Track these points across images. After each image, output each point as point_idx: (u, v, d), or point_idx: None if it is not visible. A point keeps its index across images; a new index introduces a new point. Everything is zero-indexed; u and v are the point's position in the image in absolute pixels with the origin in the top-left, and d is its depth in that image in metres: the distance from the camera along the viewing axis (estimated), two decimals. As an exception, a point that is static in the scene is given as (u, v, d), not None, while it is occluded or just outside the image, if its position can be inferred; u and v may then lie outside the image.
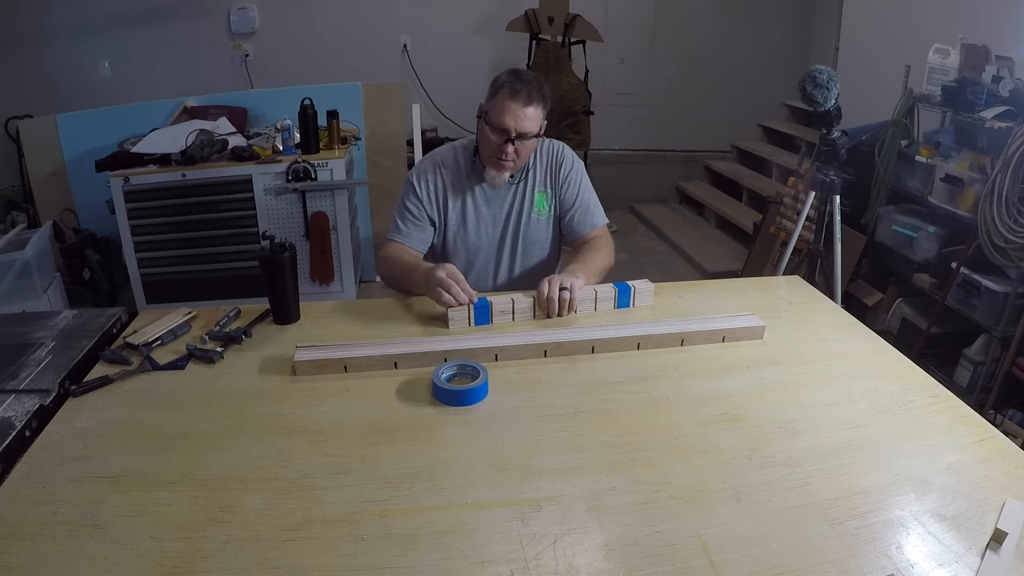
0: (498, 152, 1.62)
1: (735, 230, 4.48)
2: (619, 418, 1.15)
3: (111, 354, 1.32)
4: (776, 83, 4.95)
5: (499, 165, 1.65)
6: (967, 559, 0.86)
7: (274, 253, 1.43)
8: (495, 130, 1.60)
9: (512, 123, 1.58)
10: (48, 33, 4.21)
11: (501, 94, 1.59)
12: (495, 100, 1.60)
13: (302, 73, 4.20)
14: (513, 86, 1.58)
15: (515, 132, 1.58)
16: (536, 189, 1.77)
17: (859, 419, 1.16)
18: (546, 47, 4.39)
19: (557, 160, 1.77)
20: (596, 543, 0.88)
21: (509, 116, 1.57)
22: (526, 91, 1.58)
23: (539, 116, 1.62)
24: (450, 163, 1.75)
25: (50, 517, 0.92)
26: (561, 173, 1.77)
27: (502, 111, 1.58)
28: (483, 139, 1.66)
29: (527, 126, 1.59)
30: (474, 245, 1.78)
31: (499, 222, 1.77)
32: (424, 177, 1.73)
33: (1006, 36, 2.78)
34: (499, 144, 1.60)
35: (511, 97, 1.57)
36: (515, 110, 1.57)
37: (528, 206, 1.77)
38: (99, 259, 3.38)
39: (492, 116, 1.60)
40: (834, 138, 2.33)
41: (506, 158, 1.62)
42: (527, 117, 1.58)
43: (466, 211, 1.75)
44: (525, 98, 1.57)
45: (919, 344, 2.81)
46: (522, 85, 1.58)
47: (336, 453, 1.06)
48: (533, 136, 1.62)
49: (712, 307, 1.54)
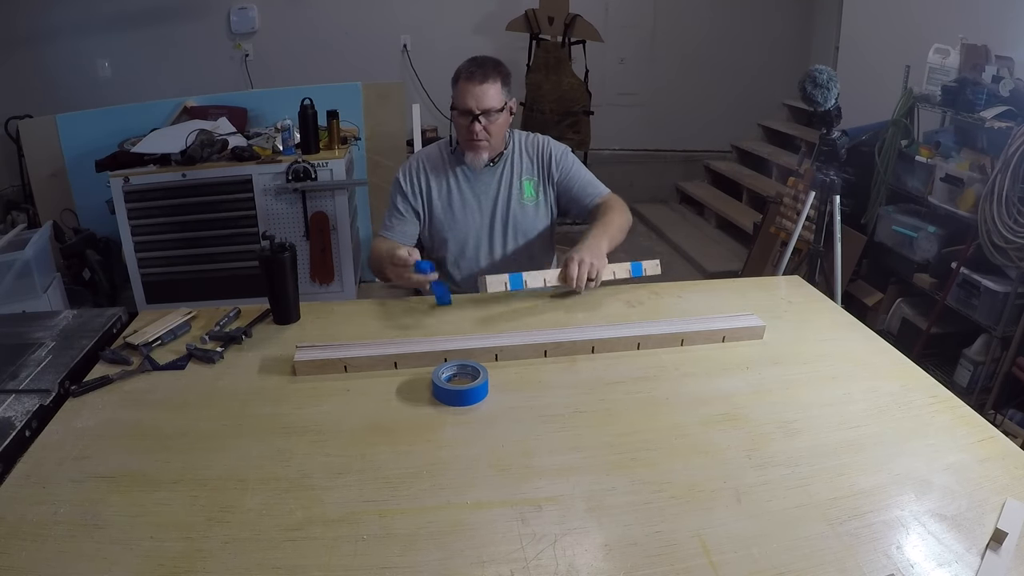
0: (468, 134, 1.70)
1: (735, 230, 4.48)
2: (619, 418, 1.15)
3: (111, 354, 1.32)
4: (776, 83, 4.95)
5: (473, 146, 1.73)
6: (967, 559, 0.86)
7: (274, 253, 1.43)
8: (461, 114, 1.69)
9: (473, 102, 1.67)
10: (48, 33, 4.21)
11: (460, 80, 1.69)
12: (456, 87, 1.70)
13: (302, 73, 4.20)
14: (469, 69, 1.68)
15: (478, 110, 1.67)
16: (523, 177, 1.82)
17: (859, 419, 1.16)
18: (546, 47, 4.39)
19: (542, 152, 1.84)
20: (596, 543, 0.89)
21: (470, 97, 1.67)
22: (480, 71, 1.67)
23: (498, 91, 1.69)
24: (433, 156, 1.83)
25: (50, 517, 0.92)
26: (552, 163, 1.83)
27: (463, 94, 1.68)
28: (456, 128, 1.75)
29: (488, 102, 1.68)
30: (462, 231, 1.82)
31: (486, 208, 1.82)
32: (408, 173, 1.82)
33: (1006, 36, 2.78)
34: (467, 126, 1.69)
35: (468, 79, 1.67)
36: (472, 90, 1.66)
37: (516, 192, 1.82)
38: (99, 259, 3.38)
39: (456, 102, 1.70)
40: (834, 138, 2.33)
41: (477, 137, 1.70)
42: (486, 94, 1.67)
43: (451, 198, 1.81)
44: (480, 77, 1.67)
45: (919, 344, 2.81)
46: (476, 67, 1.68)
47: (336, 453, 1.06)
48: (497, 111, 1.70)
49: (712, 307, 1.54)
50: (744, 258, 3.89)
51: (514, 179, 1.82)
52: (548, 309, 1.56)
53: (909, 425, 1.15)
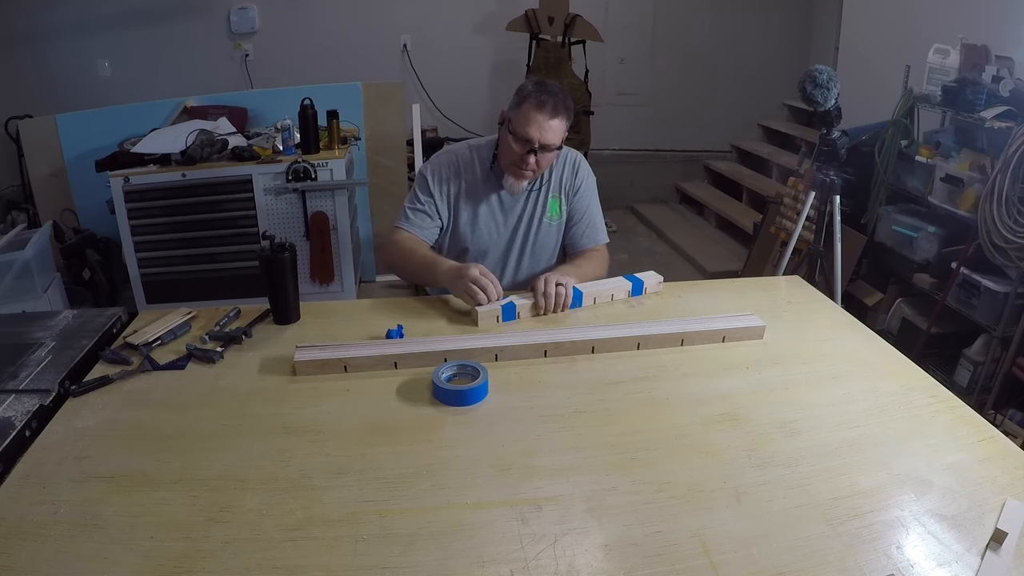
0: (519, 162, 1.62)
1: (735, 230, 4.48)
2: (619, 418, 1.15)
3: (111, 354, 1.32)
4: (776, 83, 4.95)
5: (519, 174, 1.66)
6: (967, 559, 0.86)
7: (274, 253, 1.43)
8: (518, 140, 1.60)
9: (536, 134, 1.58)
10: (48, 32, 4.21)
11: (527, 104, 1.58)
12: (520, 109, 1.59)
13: (302, 73, 4.20)
14: (540, 97, 1.58)
15: (538, 143, 1.59)
16: (551, 195, 1.77)
17: (859, 419, 1.16)
18: (546, 47, 4.39)
19: (573, 169, 1.78)
20: (596, 543, 0.88)
21: (534, 127, 1.57)
22: (552, 103, 1.58)
23: (563, 128, 1.62)
24: (467, 163, 1.75)
25: (50, 517, 0.92)
26: (576, 183, 1.78)
27: (527, 121, 1.57)
28: (505, 147, 1.65)
29: (550, 138, 1.59)
30: (483, 247, 1.78)
31: (510, 226, 1.78)
32: (439, 174, 1.73)
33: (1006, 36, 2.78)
34: (521, 154, 1.61)
35: (537, 108, 1.57)
36: (540, 121, 1.57)
37: (541, 211, 1.78)
38: (99, 259, 3.38)
39: (516, 126, 1.60)
40: (834, 138, 2.33)
41: (526, 168, 1.63)
42: (551, 129, 1.59)
43: (478, 213, 1.75)
44: (551, 110, 1.57)
45: (919, 344, 2.81)
46: (548, 96, 1.58)
47: (336, 453, 1.06)
48: (555, 148, 1.62)
49: (712, 307, 1.54)
50: (744, 258, 3.89)
51: (540, 198, 1.77)
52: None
53: (909, 425, 1.15)
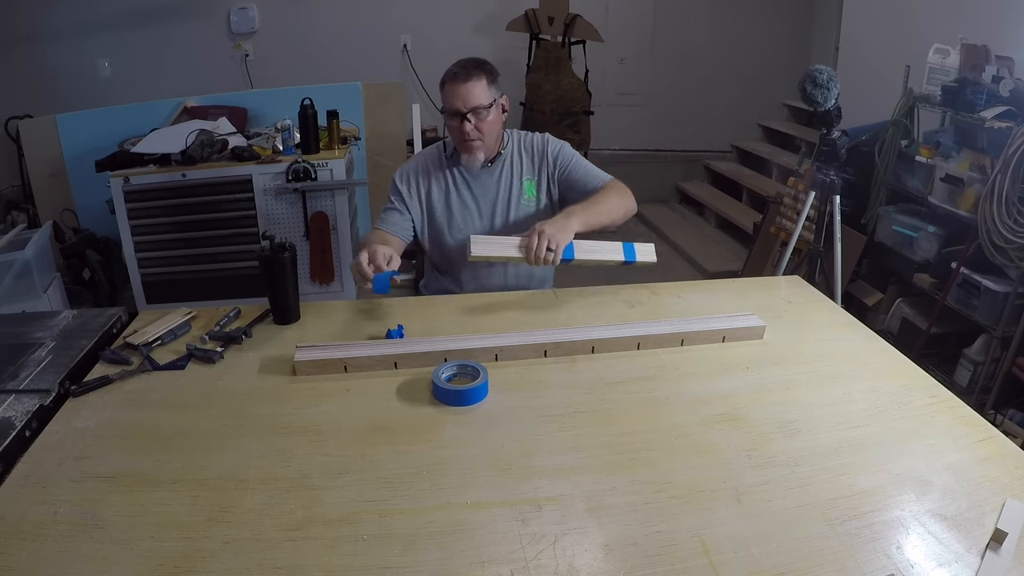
0: (460, 135, 1.69)
1: (735, 230, 4.48)
2: (619, 418, 1.15)
3: (111, 354, 1.32)
4: (776, 83, 4.95)
5: (468, 147, 1.72)
6: (967, 559, 0.86)
7: (274, 253, 1.43)
8: (451, 115, 1.69)
9: (460, 102, 1.66)
10: (48, 33, 4.21)
11: (446, 82, 1.68)
12: (443, 91, 1.69)
13: (302, 73, 4.20)
14: (452, 71, 1.68)
15: (466, 108, 1.66)
16: (524, 177, 1.81)
17: (859, 419, 1.16)
18: (546, 47, 4.39)
19: (540, 149, 1.83)
20: (596, 543, 0.88)
21: (456, 97, 1.66)
22: (463, 71, 1.67)
23: (484, 88, 1.68)
24: (431, 159, 1.83)
25: (50, 517, 0.92)
26: (549, 159, 1.82)
27: (450, 96, 1.67)
28: (449, 131, 1.74)
29: (475, 100, 1.66)
30: (462, 234, 1.80)
31: (486, 210, 1.81)
32: (404, 176, 1.82)
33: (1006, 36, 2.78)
34: (458, 127, 1.68)
35: (452, 80, 1.67)
36: (457, 89, 1.66)
37: (517, 193, 1.81)
38: (99, 259, 3.38)
39: (444, 104, 1.70)
40: (834, 138, 2.33)
41: (469, 137, 1.69)
42: (471, 92, 1.66)
43: (450, 201, 1.80)
44: (464, 75, 1.66)
45: (919, 344, 2.81)
46: (459, 67, 1.68)
47: (336, 453, 1.06)
48: (486, 107, 1.68)
49: (712, 307, 1.54)
50: (744, 258, 3.89)
51: (514, 179, 1.81)
52: (548, 309, 1.56)
53: (909, 425, 1.15)
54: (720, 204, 4.75)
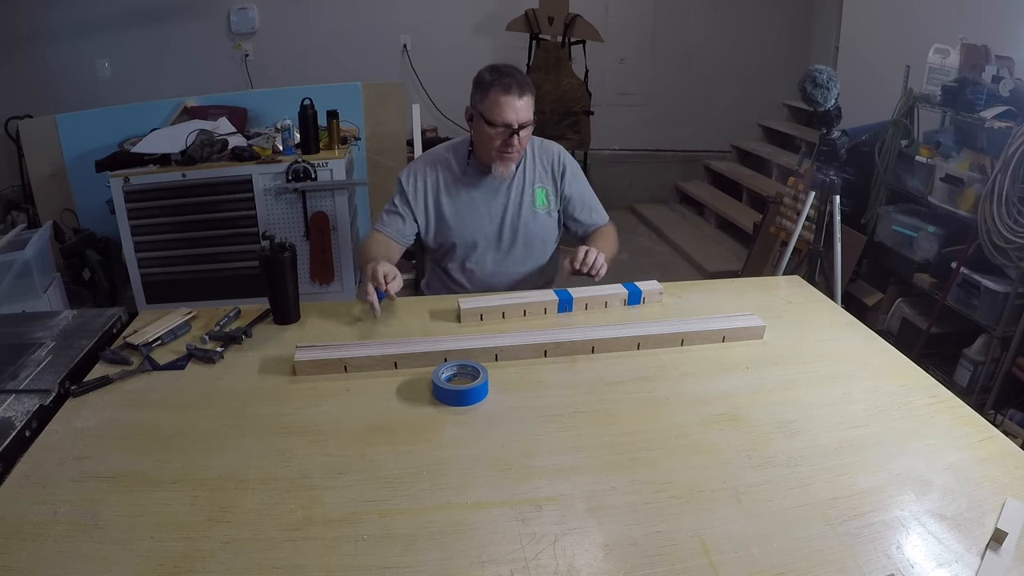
0: (504, 147, 1.66)
1: (735, 230, 4.48)
2: (619, 418, 1.15)
3: (111, 354, 1.32)
4: (776, 83, 4.95)
5: (506, 158, 1.70)
6: (967, 559, 0.86)
7: (274, 253, 1.43)
8: (496, 127, 1.64)
9: (513, 116, 1.63)
10: (48, 33, 4.21)
11: (494, 91, 1.62)
12: (488, 99, 1.63)
13: (302, 73, 4.20)
14: (503, 82, 1.62)
15: (518, 124, 1.63)
16: (535, 184, 1.80)
17: (859, 419, 1.16)
18: (546, 47, 4.39)
19: (554, 159, 1.82)
20: (596, 543, 0.88)
21: (509, 111, 1.62)
22: (516, 84, 1.63)
23: (531, 104, 1.67)
24: (443, 161, 1.80)
25: (50, 517, 0.92)
26: (559, 171, 1.82)
27: (501, 107, 1.62)
28: (483, 138, 1.68)
29: (525, 115, 1.65)
30: (470, 237, 1.80)
31: (495, 214, 1.80)
32: (414, 176, 1.79)
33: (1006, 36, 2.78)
34: (504, 139, 1.65)
35: (505, 92, 1.61)
36: (512, 103, 1.62)
37: (528, 200, 1.80)
38: (99, 259, 3.38)
39: (491, 115, 1.63)
40: (834, 138, 2.33)
41: (512, 150, 1.67)
42: (524, 107, 1.64)
43: (460, 203, 1.78)
44: (518, 90, 1.63)
45: (919, 344, 2.81)
46: (510, 79, 1.63)
47: (336, 453, 1.06)
48: (531, 124, 1.68)
49: (712, 307, 1.54)
50: (744, 258, 3.89)
51: (526, 186, 1.79)
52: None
53: (909, 425, 1.15)
54: (720, 204, 4.75)
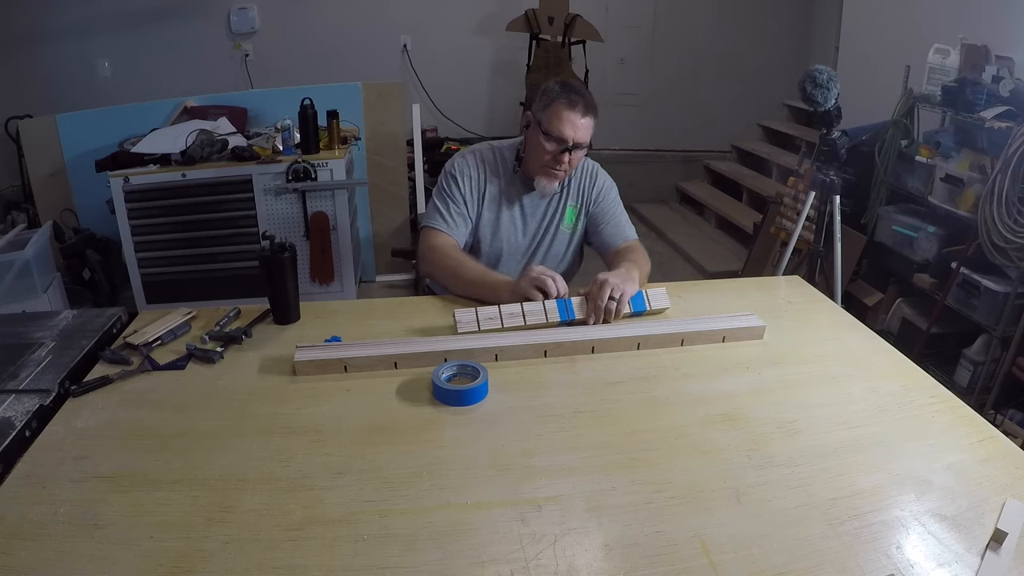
0: (553, 162, 1.63)
1: (735, 230, 4.48)
2: (619, 418, 1.15)
3: (111, 354, 1.31)
4: (776, 83, 4.95)
5: (552, 174, 1.66)
6: (967, 559, 0.86)
7: (274, 253, 1.43)
8: (552, 140, 1.61)
9: (571, 133, 1.60)
10: (48, 33, 4.21)
11: (558, 104, 1.59)
12: (551, 110, 1.60)
13: (302, 73, 4.21)
14: (570, 97, 1.59)
15: (572, 142, 1.60)
16: (568, 203, 1.78)
17: (859, 419, 1.16)
18: (546, 47, 4.39)
19: (591, 177, 1.79)
20: (596, 543, 0.88)
21: (568, 126, 1.59)
22: (583, 102, 1.60)
23: (592, 127, 1.63)
24: (491, 164, 1.75)
25: (50, 517, 0.92)
26: (594, 191, 1.78)
27: (561, 121, 1.59)
28: (536, 149, 1.65)
29: (583, 136, 1.61)
30: (500, 247, 1.77)
31: (530, 230, 1.78)
32: (467, 174, 1.72)
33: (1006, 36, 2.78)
34: (556, 154, 1.62)
35: (569, 107, 1.59)
36: (574, 120, 1.59)
37: (559, 218, 1.78)
38: (99, 259, 3.38)
39: (549, 126, 1.60)
40: (834, 138, 2.33)
41: (561, 168, 1.64)
42: (584, 127, 1.61)
43: (501, 216, 1.75)
44: (583, 109, 1.60)
45: (919, 344, 2.81)
46: (578, 96, 1.60)
47: (336, 453, 1.06)
48: (585, 147, 1.64)
49: (712, 307, 1.54)
50: (744, 258, 3.89)
51: (561, 205, 1.77)
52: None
53: (909, 425, 1.15)
54: (720, 204, 4.76)
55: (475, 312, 1.40)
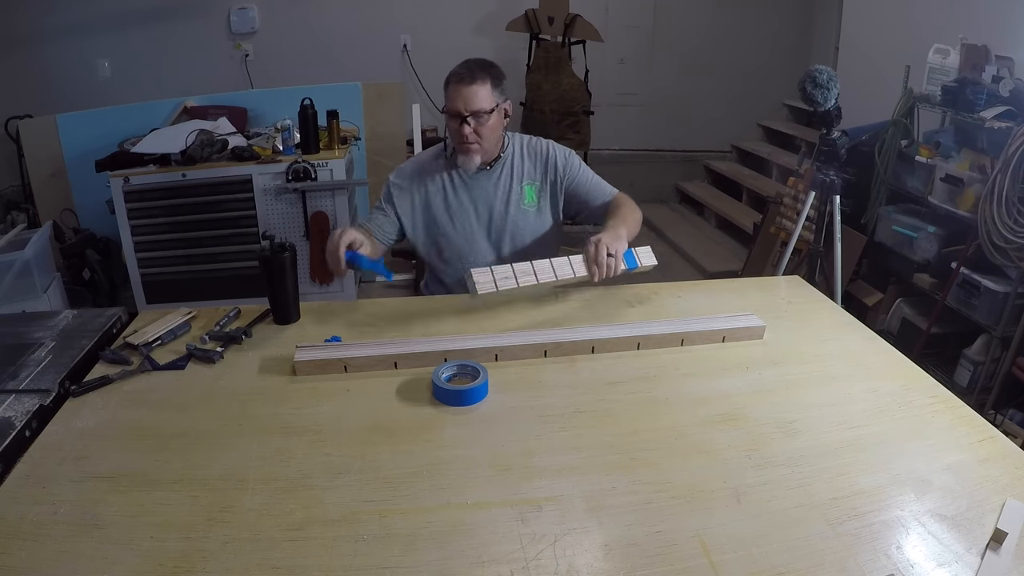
0: (459, 136, 1.69)
1: (735, 230, 4.48)
2: (619, 418, 1.15)
3: (111, 354, 1.32)
4: (776, 83, 4.95)
5: (464, 149, 1.71)
6: (967, 559, 0.86)
7: (274, 253, 1.43)
8: (450, 116, 1.68)
9: (461, 104, 1.65)
10: (48, 33, 4.21)
11: (450, 83, 1.68)
12: (447, 90, 1.69)
13: (302, 73, 4.20)
14: (458, 72, 1.68)
15: (467, 112, 1.65)
16: (523, 181, 1.81)
17: (859, 419, 1.16)
18: (546, 47, 4.39)
19: (546, 156, 1.82)
20: (596, 543, 0.89)
21: (458, 99, 1.65)
22: (468, 72, 1.66)
23: (488, 93, 1.67)
24: (428, 161, 1.83)
25: (50, 517, 0.92)
26: (556, 168, 1.81)
27: (452, 96, 1.66)
28: (449, 131, 1.73)
29: (477, 104, 1.65)
30: (459, 237, 1.80)
31: (483, 213, 1.80)
32: (402, 175, 1.82)
33: (1006, 36, 2.78)
34: (457, 128, 1.68)
35: (456, 81, 1.66)
36: (461, 91, 1.65)
37: (516, 197, 1.80)
38: (99, 259, 3.38)
39: (446, 104, 1.69)
40: (834, 138, 2.33)
41: (467, 140, 1.68)
42: (475, 95, 1.65)
43: (448, 203, 1.80)
44: (468, 78, 1.65)
45: (919, 344, 2.81)
46: (465, 68, 1.67)
47: (336, 453, 1.06)
48: (487, 112, 1.67)
49: (712, 307, 1.54)
50: (744, 258, 3.89)
51: (513, 183, 1.80)
52: (548, 309, 1.56)
53: (909, 425, 1.15)
54: (720, 204, 4.75)
55: (491, 271, 1.44)
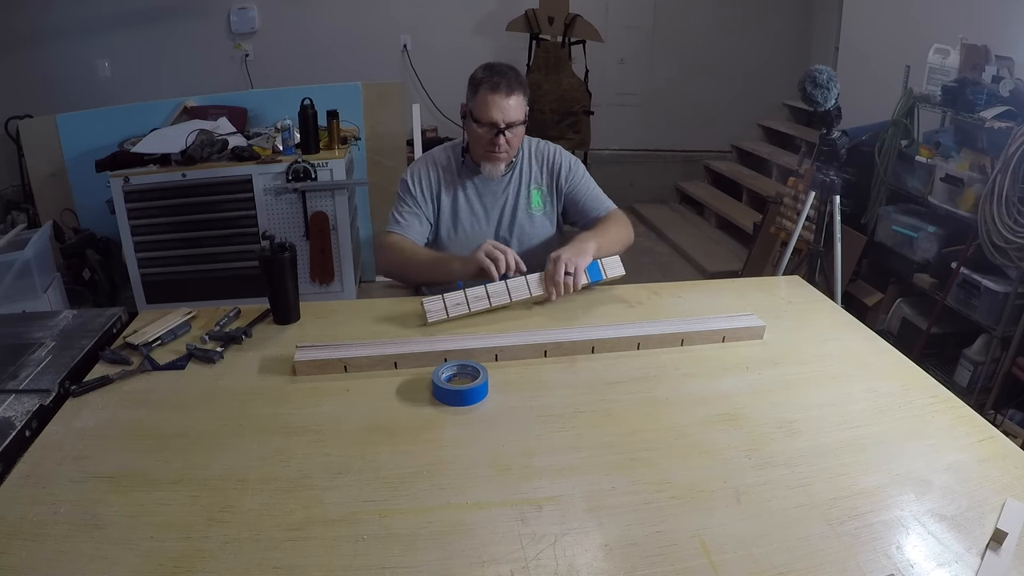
0: (490, 146, 1.67)
1: (735, 230, 4.48)
2: (619, 418, 1.15)
3: (111, 354, 1.32)
4: (776, 83, 4.95)
5: (494, 158, 1.70)
6: (967, 559, 0.86)
7: (274, 253, 1.43)
8: (483, 125, 1.66)
9: (499, 115, 1.64)
10: (48, 33, 4.21)
11: (482, 90, 1.65)
12: (478, 97, 1.66)
13: (302, 73, 4.20)
14: (493, 80, 1.64)
15: (504, 123, 1.64)
16: (531, 186, 1.81)
17: (859, 419, 1.16)
18: (546, 47, 4.39)
19: (552, 161, 1.82)
20: (596, 543, 0.88)
21: (495, 109, 1.63)
22: (505, 82, 1.64)
23: (522, 104, 1.67)
24: (442, 161, 1.81)
25: (50, 517, 0.92)
26: (561, 174, 1.81)
27: (487, 106, 1.64)
28: (473, 137, 1.71)
29: (513, 115, 1.65)
30: (467, 240, 1.79)
31: (493, 217, 1.80)
32: (418, 175, 1.78)
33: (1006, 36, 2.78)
34: (490, 138, 1.66)
35: (493, 91, 1.63)
36: (499, 102, 1.63)
37: (524, 202, 1.80)
38: (99, 259, 3.38)
39: (478, 113, 1.66)
40: (834, 138, 2.33)
41: (499, 150, 1.68)
42: (511, 107, 1.64)
43: (458, 206, 1.79)
44: (506, 89, 1.63)
45: (919, 344, 2.81)
46: (500, 77, 1.64)
47: (336, 453, 1.06)
48: (522, 123, 1.68)
49: (712, 307, 1.54)
50: (744, 258, 3.89)
51: (522, 188, 1.80)
52: (548, 309, 1.56)
53: (909, 425, 1.15)
54: (720, 204, 4.75)
55: (442, 299, 1.46)
